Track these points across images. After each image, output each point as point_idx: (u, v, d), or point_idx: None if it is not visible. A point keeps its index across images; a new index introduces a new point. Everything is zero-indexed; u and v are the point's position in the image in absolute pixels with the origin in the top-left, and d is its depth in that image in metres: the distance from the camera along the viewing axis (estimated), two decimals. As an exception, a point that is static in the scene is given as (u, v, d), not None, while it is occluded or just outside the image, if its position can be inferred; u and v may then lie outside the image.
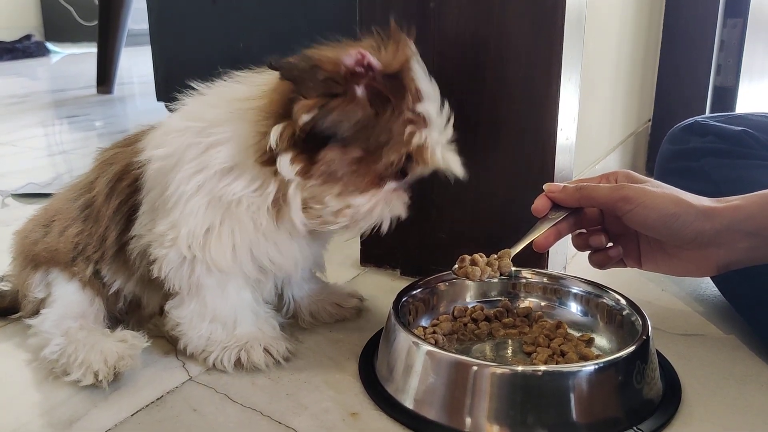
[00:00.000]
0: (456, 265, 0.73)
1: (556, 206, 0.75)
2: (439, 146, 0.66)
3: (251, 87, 0.68)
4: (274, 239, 0.70)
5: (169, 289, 0.72)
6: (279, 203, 0.67)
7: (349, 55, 0.60)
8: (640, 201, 0.69)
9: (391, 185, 0.67)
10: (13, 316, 0.83)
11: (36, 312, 0.77)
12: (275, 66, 0.62)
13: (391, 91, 0.62)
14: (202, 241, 0.68)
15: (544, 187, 0.76)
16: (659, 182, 0.73)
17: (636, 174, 0.75)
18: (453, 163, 0.67)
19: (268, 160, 0.64)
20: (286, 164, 0.64)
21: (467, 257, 0.73)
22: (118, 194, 0.73)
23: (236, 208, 0.67)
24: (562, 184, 0.75)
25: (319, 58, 0.61)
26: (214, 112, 0.68)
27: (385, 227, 0.69)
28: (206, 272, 0.70)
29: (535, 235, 0.74)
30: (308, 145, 0.63)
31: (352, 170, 0.64)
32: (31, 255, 0.78)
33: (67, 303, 0.76)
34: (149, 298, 0.78)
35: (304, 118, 0.61)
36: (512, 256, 0.73)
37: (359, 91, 0.62)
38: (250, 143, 0.65)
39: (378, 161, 0.64)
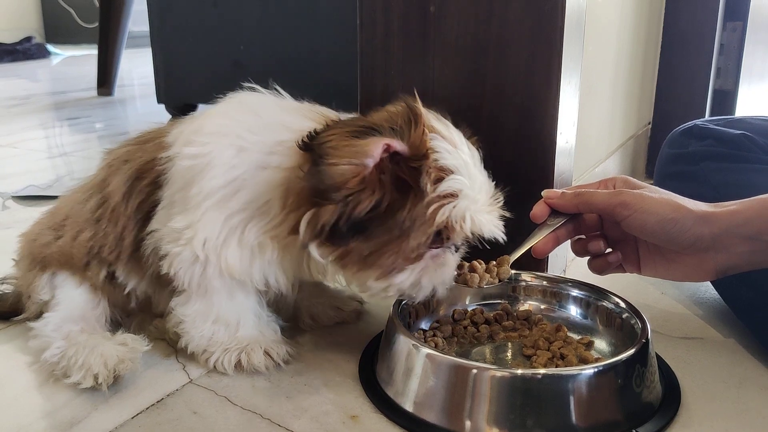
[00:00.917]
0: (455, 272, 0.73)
1: (554, 212, 0.75)
2: (469, 215, 0.64)
3: (291, 127, 0.66)
4: (285, 267, 0.71)
5: (175, 286, 0.72)
6: (304, 255, 0.68)
7: (373, 155, 0.59)
8: (638, 206, 0.70)
9: (433, 253, 0.66)
10: (16, 318, 0.82)
11: (39, 314, 0.77)
12: (305, 147, 0.61)
13: (412, 177, 0.62)
14: (219, 247, 0.68)
15: (543, 193, 0.76)
16: (657, 188, 0.73)
17: (634, 180, 0.76)
18: (486, 229, 0.66)
19: (297, 231, 0.64)
20: (315, 253, 0.64)
21: (466, 264, 0.73)
22: (138, 193, 0.73)
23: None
24: (560, 191, 0.75)
25: (342, 174, 0.59)
26: (249, 137, 0.67)
27: (440, 293, 0.69)
28: (218, 275, 0.70)
29: (534, 242, 0.74)
30: (333, 238, 0.63)
31: (384, 252, 0.64)
32: (40, 257, 0.78)
33: (70, 306, 0.76)
34: (159, 296, 0.78)
35: (329, 221, 0.61)
36: (511, 262, 0.73)
37: (385, 178, 0.61)
38: (275, 211, 0.66)
39: (407, 242, 0.63)
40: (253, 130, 0.68)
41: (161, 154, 0.71)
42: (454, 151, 0.64)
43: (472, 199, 0.64)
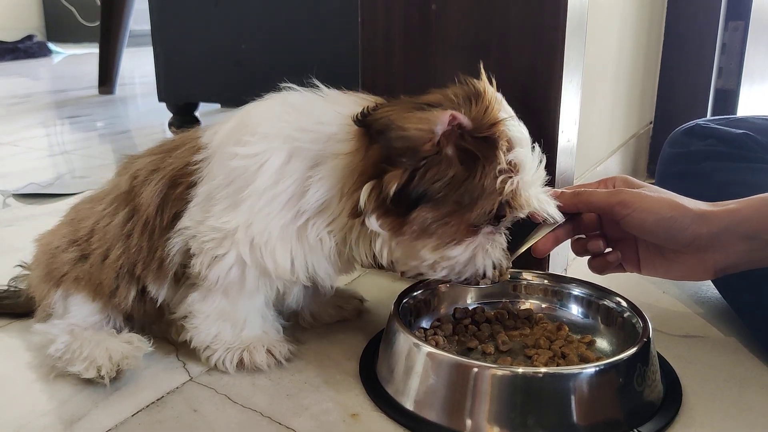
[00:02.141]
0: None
1: None
2: (532, 188, 0.65)
3: (345, 113, 0.65)
4: (333, 262, 0.70)
5: (195, 283, 0.71)
6: (357, 243, 0.68)
7: (441, 122, 0.59)
8: (636, 205, 0.70)
9: (486, 230, 0.66)
10: (30, 320, 0.81)
11: (48, 318, 0.77)
12: (364, 124, 0.61)
13: (480, 149, 0.61)
14: (271, 250, 0.67)
15: None
16: (656, 187, 0.74)
17: (633, 179, 0.76)
18: (547, 205, 0.66)
19: (356, 214, 0.64)
20: (374, 223, 0.64)
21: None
22: (174, 202, 0.71)
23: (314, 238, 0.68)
24: (559, 190, 0.75)
25: (414, 136, 0.59)
26: (301, 136, 0.66)
27: (489, 275, 0.68)
28: (256, 277, 0.69)
29: (533, 241, 0.74)
30: (398, 205, 0.62)
31: (445, 222, 0.63)
32: (57, 273, 0.76)
33: (80, 319, 0.75)
34: (179, 298, 0.75)
35: (395, 187, 0.61)
36: (511, 261, 0.73)
37: (449, 151, 0.61)
38: (335, 203, 0.66)
39: (472, 212, 0.63)
40: (305, 128, 0.66)
41: (195, 157, 0.70)
42: (516, 125, 0.64)
43: (531, 172, 0.65)
